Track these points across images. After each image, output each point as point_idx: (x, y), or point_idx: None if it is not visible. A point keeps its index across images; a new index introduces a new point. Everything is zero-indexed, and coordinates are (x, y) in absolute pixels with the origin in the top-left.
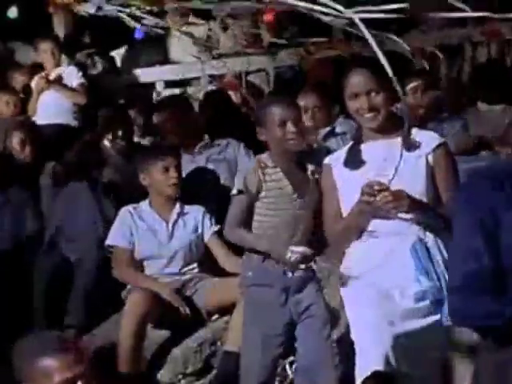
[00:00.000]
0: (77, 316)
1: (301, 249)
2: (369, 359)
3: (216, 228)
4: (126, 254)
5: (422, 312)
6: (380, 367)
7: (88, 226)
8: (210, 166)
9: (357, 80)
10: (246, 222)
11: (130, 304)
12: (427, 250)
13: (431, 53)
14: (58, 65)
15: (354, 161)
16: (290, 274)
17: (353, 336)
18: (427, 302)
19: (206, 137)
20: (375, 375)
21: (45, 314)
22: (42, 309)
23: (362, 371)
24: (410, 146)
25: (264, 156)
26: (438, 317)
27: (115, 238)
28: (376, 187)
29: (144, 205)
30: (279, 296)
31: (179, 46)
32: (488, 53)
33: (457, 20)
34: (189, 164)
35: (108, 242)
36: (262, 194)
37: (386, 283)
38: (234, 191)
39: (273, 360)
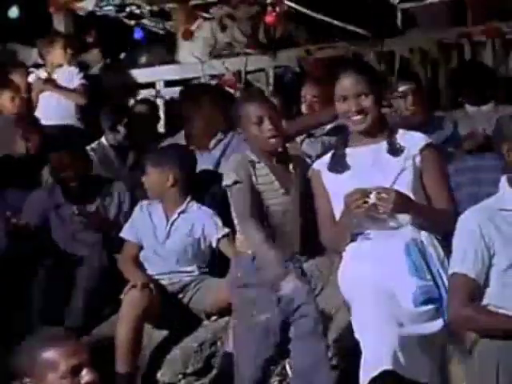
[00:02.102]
0: (76, 318)
1: (291, 286)
2: (376, 358)
3: (224, 231)
4: (130, 248)
5: (428, 314)
6: (388, 366)
7: None
8: (223, 159)
9: (346, 82)
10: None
11: (127, 304)
12: (422, 248)
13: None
14: (69, 62)
15: (338, 165)
16: None
17: (357, 335)
18: (429, 305)
19: (220, 133)
20: (384, 374)
21: (42, 316)
22: (39, 310)
23: (368, 370)
24: (395, 150)
25: (247, 152)
26: (441, 320)
27: (125, 231)
28: (358, 195)
29: (158, 201)
30: (271, 295)
31: (181, 46)
32: (493, 52)
33: (457, 18)
34: (205, 162)
35: (122, 233)
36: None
37: (386, 284)
38: (229, 182)
39: (267, 360)
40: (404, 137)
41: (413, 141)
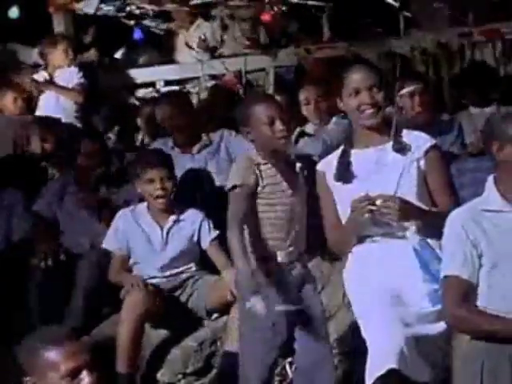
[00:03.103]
0: (76, 318)
1: (258, 307)
2: (383, 357)
3: (214, 234)
4: (119, 259)
5: (434, 315)
6: (394, 366)
7: None
8: (211, 165)
9: (358, 76)
10: (248, 216)
11: (129, 304)
12: (427, 250)
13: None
14: (70, 64)
15: (344, 175)
16: (286, 273)
17: (364, 334)
18: (438, 305)
19: (205, 137)
20: (389, 374)
21: (41, 316)
22: (36, 310)
23: (374, 369)
24: (401, 148)
25: (253, 153)
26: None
27: (109, 242)
28: (365, 203)
29: (142, 207)
30: (278, 296)
31: (180, 47)
32: (493, 52)
33: (457, 19)
34: (188, 164)
35: (103, 245)
36: (259, 189)
37: (393, 285)
38: (229, 185)
39: (275, 359)
40: (408, 137)
41: (417, 143)
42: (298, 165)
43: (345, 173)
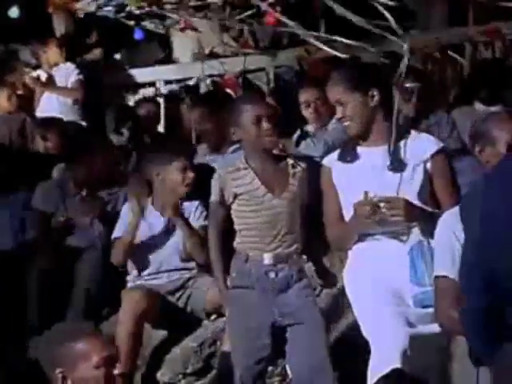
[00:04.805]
0: (77, 317)
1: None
2: (386, 356)
3: (203, 222)
4: (124, 241)
5: (430, 316)
6: (398, 365)
7: None
8: None
9: (328, 91)
10: (227, 226)
11: (127, 303)
12: (429, 250)
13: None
14: (65, 61)
15: (348, 155)
16: (272, 275)
17: (365, 333)
18: (429, 308)
19: None
20: (393, 373)
21: (40, 316)
22: (36, 310)
23: (377, 368)
24: (395, 167)
25: (239, 159)
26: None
27: (117, 230)
28: (368, 206)
29: (147, 202)
30: (261, 297)
31: (180, 46)
32: (492, 52)
33: (457, 19)
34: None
35: (113, 235)
36: (238, 197)
37: (394, 284)
38: (211, 198)
39: (261, 359)
40: (416, 140)
41: (425, 145)
42: (291, 161)
43: (349, 153)
